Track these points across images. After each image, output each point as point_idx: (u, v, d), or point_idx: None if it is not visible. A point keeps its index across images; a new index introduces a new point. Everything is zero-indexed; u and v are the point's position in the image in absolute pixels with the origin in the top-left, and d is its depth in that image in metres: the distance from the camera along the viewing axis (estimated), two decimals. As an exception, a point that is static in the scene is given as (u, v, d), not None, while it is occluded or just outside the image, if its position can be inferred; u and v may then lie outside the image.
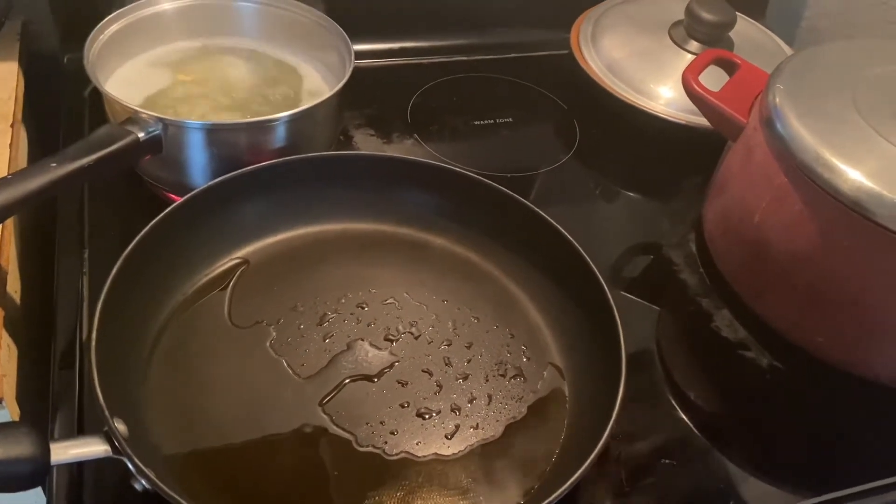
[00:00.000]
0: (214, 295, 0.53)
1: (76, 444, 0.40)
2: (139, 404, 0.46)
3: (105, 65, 0.60)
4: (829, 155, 0.50)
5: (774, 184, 0.53)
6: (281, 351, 0.50)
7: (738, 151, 0.58)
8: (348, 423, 0.47)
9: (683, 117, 0.68)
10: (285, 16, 0.65)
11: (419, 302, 0.54)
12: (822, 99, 0.54)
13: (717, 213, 0.60)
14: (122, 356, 0.46)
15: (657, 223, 0.66)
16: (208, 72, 0.63)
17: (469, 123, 0.72)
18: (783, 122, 0.52)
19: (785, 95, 0.54)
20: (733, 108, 0.58)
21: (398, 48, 0.79)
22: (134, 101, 0.58)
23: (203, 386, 0.48)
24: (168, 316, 0.51)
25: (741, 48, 0.73)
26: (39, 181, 0.48)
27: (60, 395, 0.49)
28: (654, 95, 0.70)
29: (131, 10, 0.62)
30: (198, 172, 0.56)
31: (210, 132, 0.55)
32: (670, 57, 0.72)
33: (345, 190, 0.58)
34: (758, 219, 0.54)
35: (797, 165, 0.51)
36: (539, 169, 0.69)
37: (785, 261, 0.53)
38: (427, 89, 0.75)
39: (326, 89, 0.63)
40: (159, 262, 0.50)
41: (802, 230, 0.52)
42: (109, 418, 0.40)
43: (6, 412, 0.47)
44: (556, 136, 0.73)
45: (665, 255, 0.63)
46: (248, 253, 0.56)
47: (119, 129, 0.53)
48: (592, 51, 0.74)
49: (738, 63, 0.61)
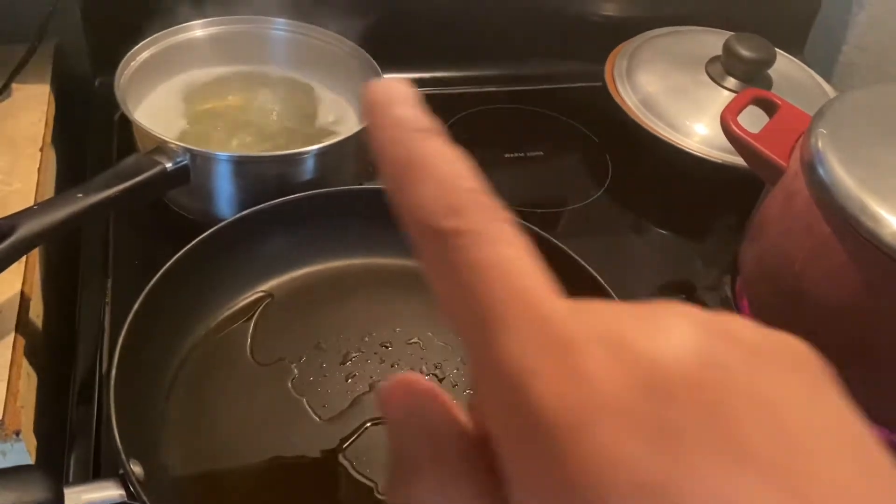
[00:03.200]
0: (236, 329, 0.52)
1: (90, 488, 0.39)
2: (156, 442, 0.45)
3: (136, 90, 0.59)
4: (874, 204, 0.48)
5: (815, 232, 0.51)
6: (302, 390, 0.49)
7: (777, 196, 0.56)
8: (369, 469, 0.46)
9: (719, 156, 0.67)
10: (316, 45, 0.65)
11: (444, 342, 0.53)
12: (866, 144, 0.52)
13: (754, 259, 0.58)
14: (141, 392, 0.45)
15: (690, 264, 0.64)
16: (238, 100, 0.62)
17: (499, 156, 0.71)
18: (826, 167, 0.51)
19: (828, 140, 0.52)
20: (773, 152, 0.56)
21: (429, 78, 0.78)
22: (162, 128, 0.57)
23: (222, 425, 0.47)
24: (189, 350, 0.50)
25: (779, 85, 0.71)
26: (65, 212, 0.47)
27: (77, 430, 0.48)
28: (689, 132, 0.68)
29: (164, 36, 0.62)
30: (224, 203, 0.56)
31: (238, 164, 0.54)
32: (707, 93, 0.70)
33: (370, 225, 0.56)
34: (797, 268, 0.53)
35: (840, 214, 0.49)
36: (569, 204, 0.68)
37: (825, 313, 0.51)
38: (457, 120, 0.74)
39: (356, 121, 0.62)
40: (182, 295, 0.49)
41: (845, 281, 0.50)
42: (125, 462, 0.39)
43: (23, 445, 0.47)
44: (588, 171, 0.72)
45: (699, 297, 0.61)
46: (272, 287, 0.55)
47: (147, 158, 0.52)
48: (627, 85, 0.72)
49: (777, 104, 0.59)
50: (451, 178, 0.17)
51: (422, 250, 0.17)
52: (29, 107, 0.62)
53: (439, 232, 0.17)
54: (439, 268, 0.17)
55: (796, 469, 0.15)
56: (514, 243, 0.17)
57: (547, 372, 0.15)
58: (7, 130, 0.60)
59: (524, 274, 0.16)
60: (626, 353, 0.16)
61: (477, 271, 0.16)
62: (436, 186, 0.17)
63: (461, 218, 0.17)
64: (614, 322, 0.16)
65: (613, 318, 0.16)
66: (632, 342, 0.16)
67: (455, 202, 0.17)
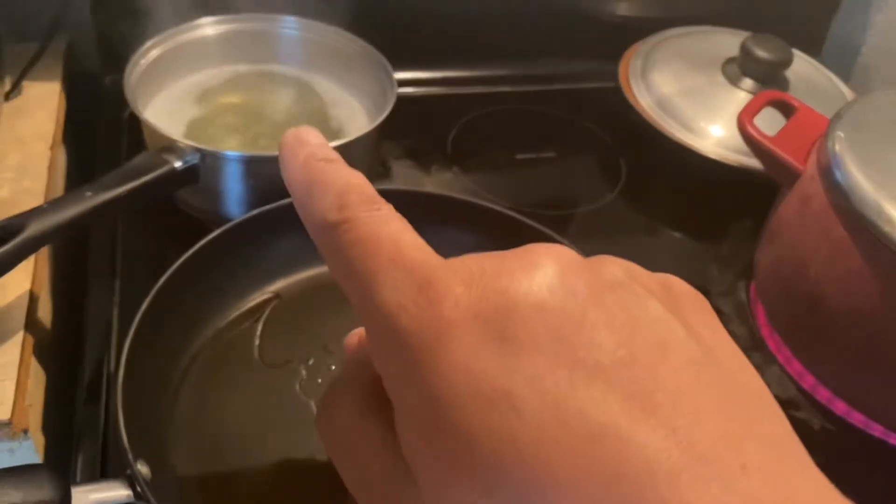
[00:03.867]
0: (244, 330, 0.52)
1: (97, 488, 0.39)
2: (164, 443, 0.45)
3: (145, 89, 0.59)
4: (891, 208, 0.47)
5: (832, 236, 0.50)
6: (310, 392, 0.49)
7: (793, 200, 0.55)
8: (377, 472, 0.45)
9: (734, 158, 0.66)
10: (328, 44, 0.64)
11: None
12: (884, 148, 0.51)
13: (769, 264, 0.57)
14: (148, 393, 0.45)
15: (705, 268, 0.64)
16: (248, 99, 0.62)
17: (511, 157, 0.71)
18: (843, 171, 0.50)
19: (845, 143, 0.51)
20: (790, 154, 0.55)
21: (440, 77, 0.77)
22: (172, 127, 0.57)
23: (229, 426, 0.47)
24: (197, 351, 0.50)
25: (796, 87, 0.70)
26: (74, 210, 0.47)
27: (85, 429, 0.48)
28: (704, 134, 0.68)
29: (173, 34, 0.61)
30: (234, 203, 0.55)
31: (248, 163, 0.54)
32: (723, 95, 0.69)
33: (381, 225, 0.56)
34: (813, 272, 0.52)
35: (856, 218, 0.48)
36: (581, 206, 0.67)
37: (842, 318, 0.50)
38: (469, 120, 0.74)
39: (366, 119, 0.62)
40: (190, 296, 0.49)
41: (862, 286, 0.49)
42: (133, 462, 0.39)
43: (31, 443, 0.46)
44: (601, 173, 0.71)
45: (713, 303, 0.60)
46: (280, 288, 0.54)
47: (156, 157, 0.52)
48: (642, 85, 0.72)
49: (795, 106, 0.59)
50: (342, 187, 0.21)
51: (321, 247, 0.21)
52: (39, 105, 0.62)
53: (330, 225, 0.20)
54: (332, 255, 0.20)
55: (640, 379, 0.16)
56: (390, 222, 0.20)
57: (410, 305, 0.18)
58: (17, 129, 0.60)
59: (397, 241, 0.19)
60: (481, 282, 0.18)
61: (358, 245, 0.20)
62: (329, 195, 0.21)
63: (345, 211, 0.20)
64: (476, 263, 0.19)
65: (477, 260, 0.19)
66: (491, 276, 0.18)
67: (342, 202, 0.20)
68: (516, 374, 0.16)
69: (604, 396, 0.16)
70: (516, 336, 0.17)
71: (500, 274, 0.18)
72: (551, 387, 0.16)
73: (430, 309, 0.18)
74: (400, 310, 0.18)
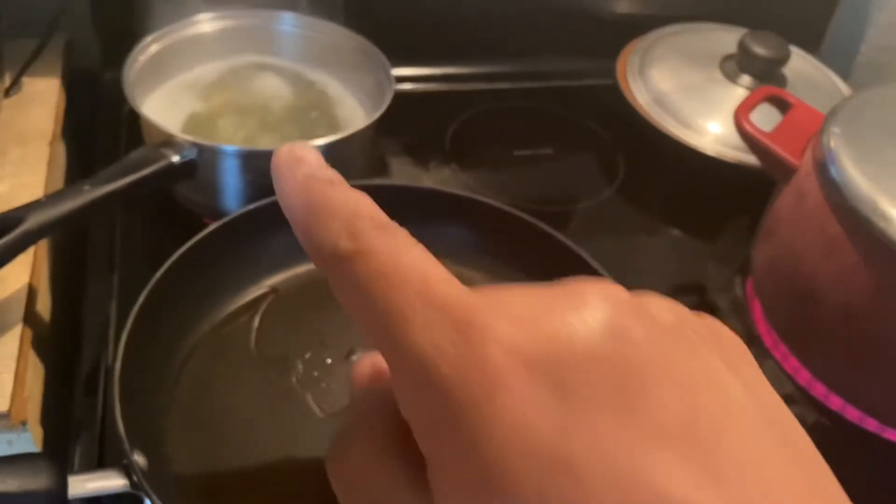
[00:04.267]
0: (241, 324, 0.52)
1: (94, 477, 0.39)
2: (160, 434, 0.45)
3: (144, 84, 0.60)
4: (886, 204, 0.47)
5: (827, 232, 0.50)
6: (306, 386, 0.49)
7: (788, 195, 0.55)
8: (372, 465, 0.45)
9: (732, 155, 0.66)
10: (326, 40, 0.65)
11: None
12: (880, 144, 0.51)
13: (765, 260, 0.58)
14: (145, 385, 0.45)
15: (702, 264, 0.64)
16: (246, 95, 0.62)
17: (509, 153, 0.71)
18: (838, 167, 0.50)
19: (840, 139, 0.51)
20: (786, 150, 0.55)
21: (439, 74, 0.77)
22: (170, 122, 0.57)
23: (226, 418, 0.47)
24: (194, 344, 0.50)
25: (794, 84, 0.70)
26: (72, 204, 0.47)
27: (82, 421, 0.48)
28: (702, 131, 0.68)
29: (172, 30, 0.62)
30: (231, 197, 0.56)
31: (245, 158, 0.54)
32: (720, 92, 0.70)
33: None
34: (809, 268, 0.52)
35: (852, 214, 0.48)
36: (580, 203, 0.67)
37: (837, 313, 0.50)
38: (467, 117, 0.74)
39: (364, 115, 0.62)
40: (188, 289, 0.49)
41: (857, 282, 0.49)
42: (129, 451, 0.39)
43: (29, 435, 0.47)
44: (599, 170, 0.72)
45: (709, 299, 0.61)
46: (277, 282, 0.54)
47: (154, 151, 0.52)
48: (640, 82, 0.72)
49: (791, 102, 0.59)
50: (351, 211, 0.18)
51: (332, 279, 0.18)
52: (39, 101, 0.62)
53: (343, 256, 0.18)
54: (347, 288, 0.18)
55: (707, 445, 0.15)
56: (411, 250, 0.18)
57: (448, 348, 0.16)
58: (17, 124, 0.60)
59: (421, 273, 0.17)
60: (529, 324, 0.16)
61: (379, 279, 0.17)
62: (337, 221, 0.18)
63: (359, 240, 0.18)
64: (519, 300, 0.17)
65: (518, 297, 0.17)
66: (538, 317, 0.16)
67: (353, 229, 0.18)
68: (575, 436, 0.15)
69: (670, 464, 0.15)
70: (575, 391, 0.15)
71: (549, 315, 0.16)
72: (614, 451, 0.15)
73: (472, 354, 0.16)
74: (437, 354, 0.16)
